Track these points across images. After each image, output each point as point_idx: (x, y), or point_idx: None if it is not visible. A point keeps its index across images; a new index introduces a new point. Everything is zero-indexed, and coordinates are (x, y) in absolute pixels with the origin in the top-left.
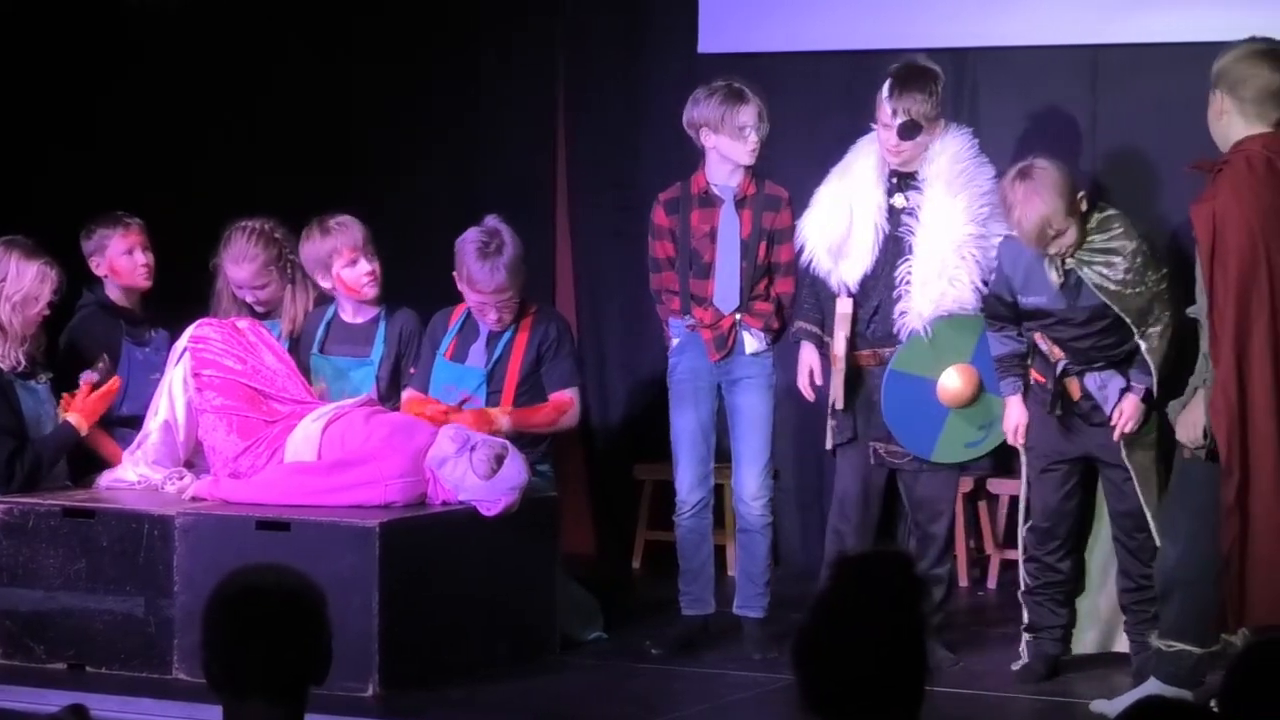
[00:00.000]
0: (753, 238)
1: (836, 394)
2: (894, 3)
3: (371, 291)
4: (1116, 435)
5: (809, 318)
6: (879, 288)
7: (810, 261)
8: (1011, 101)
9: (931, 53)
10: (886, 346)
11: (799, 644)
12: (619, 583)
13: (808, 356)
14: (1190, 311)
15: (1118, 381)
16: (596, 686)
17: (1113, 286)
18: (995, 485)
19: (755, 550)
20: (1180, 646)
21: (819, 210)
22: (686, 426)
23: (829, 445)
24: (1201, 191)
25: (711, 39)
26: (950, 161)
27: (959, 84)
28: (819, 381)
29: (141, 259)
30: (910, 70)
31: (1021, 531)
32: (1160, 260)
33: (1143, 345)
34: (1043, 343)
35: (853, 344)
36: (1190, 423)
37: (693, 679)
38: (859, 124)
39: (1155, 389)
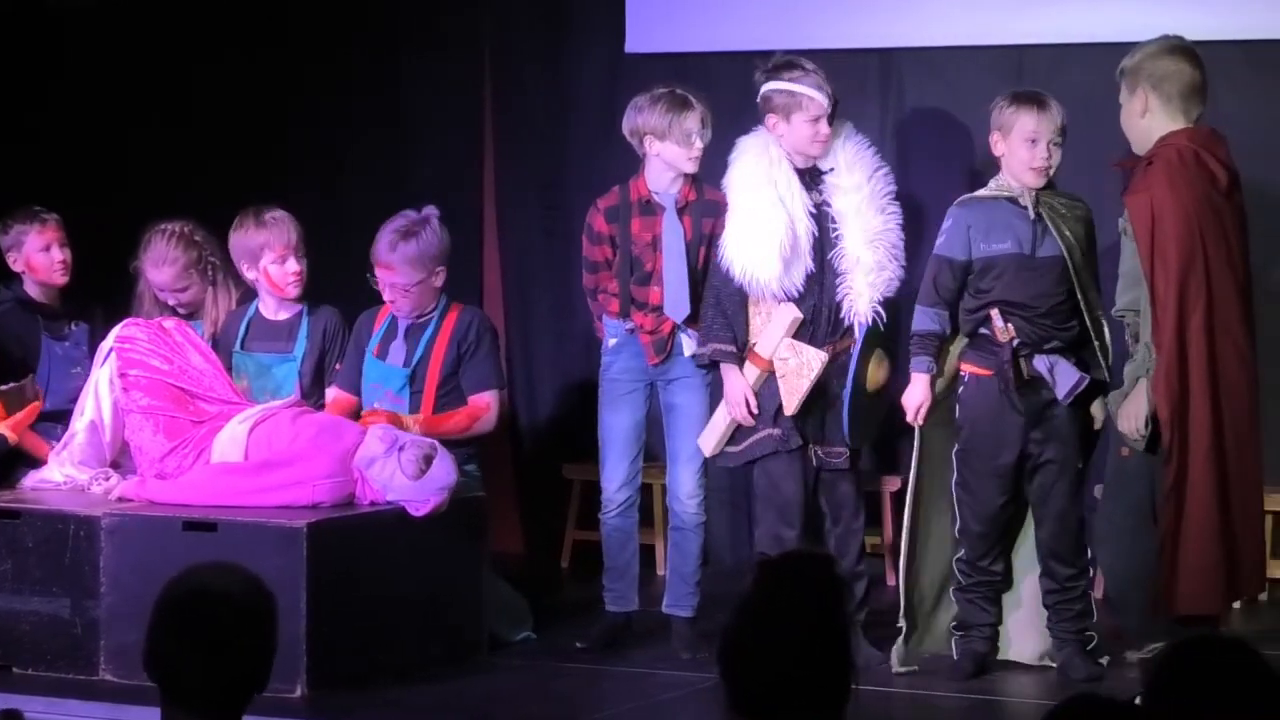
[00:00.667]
0: (693, 244)
1: (792, 402)
2: (820, 3)
3: (295, 291)
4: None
5: (722, 338)
6: (813, 289)
7: (743, 278)
8: (937, 102)
9: (858, 53)
10: (822, 346)
11: (724, 645)
12: (547, 582)
13: (738, 383)
14: (1116, 310)
15: (1066, 364)
16: (525, 686)
17: (1073, 239)
18: None
19: (688, 549)
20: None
21: (755, 222)
22: (620, 425)
23: (710, 451)
24: (1128, 186)
25: (638, 39)
26: (855, 147)
27: (885, 84)
28: (754, 406)
29: (58, 255)
30: (792, 60)
31: (953, 533)
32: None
33: (1090, 326)
34: (997, 320)
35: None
36: (1132, 414)
37: (622, 678)
38: None
39: (1108, 377)
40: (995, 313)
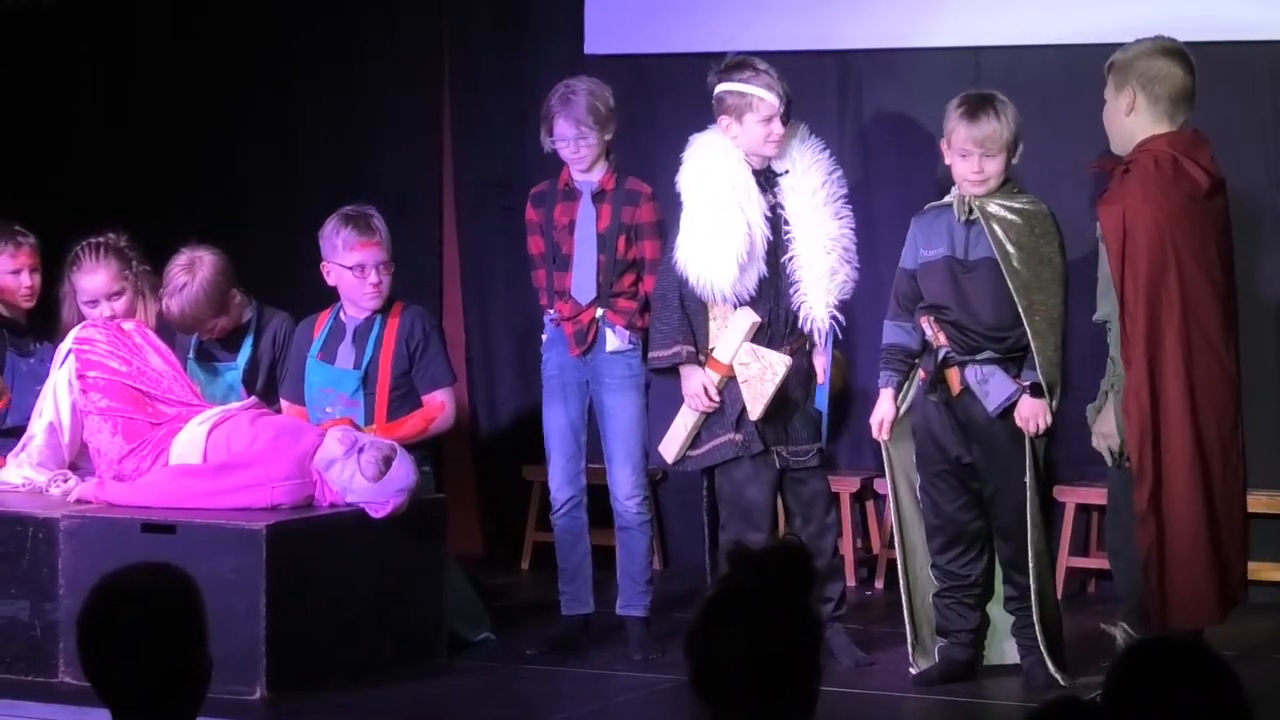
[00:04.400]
0: (610, 231)
1: (757, 407)
2: (778, 4)
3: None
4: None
5: (688, 339)
6: (768, 293)
7: (698, 283)
8: (895, 104)
9: (815, 54)
10: (781, 349)
11: (692, 630)
12: (507, 584)
13: (697, 375)
14: (1096, 317)
15: (1000, 377)
16: (484, 688)
17: (1009, 242)
18: (882, 485)
19: (634, 549)
20: None
21: (713, 226)
22: (556, 423)
23: (672, 458)
24: (1101, 191)
25: (597, 40)
26: (811, 150)
27: (843, 86)
28: (714, 395)
29: (27, 281)
30: (744, 61)
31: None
32: (1060, 252)
33: (1028, 330)
34: (928, 327)
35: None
36: (1102, 432)
37: (580, 680)
38: None
39: (1044, 384)
40: (926, 321)
